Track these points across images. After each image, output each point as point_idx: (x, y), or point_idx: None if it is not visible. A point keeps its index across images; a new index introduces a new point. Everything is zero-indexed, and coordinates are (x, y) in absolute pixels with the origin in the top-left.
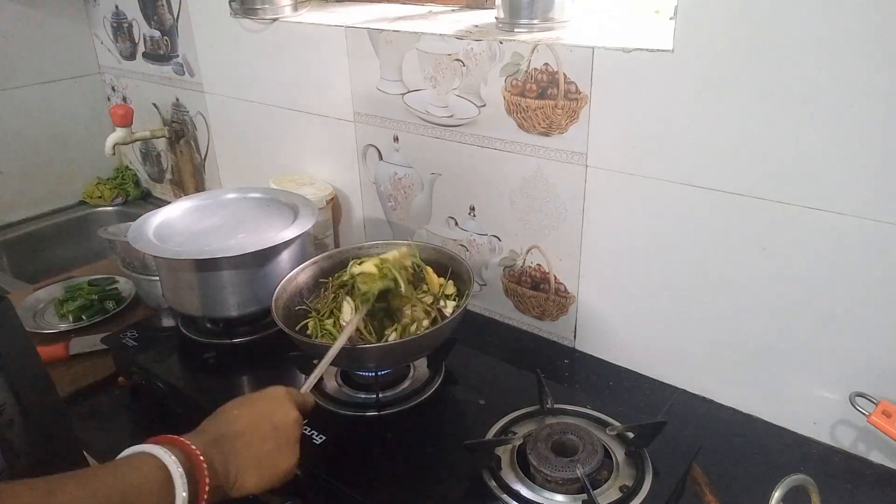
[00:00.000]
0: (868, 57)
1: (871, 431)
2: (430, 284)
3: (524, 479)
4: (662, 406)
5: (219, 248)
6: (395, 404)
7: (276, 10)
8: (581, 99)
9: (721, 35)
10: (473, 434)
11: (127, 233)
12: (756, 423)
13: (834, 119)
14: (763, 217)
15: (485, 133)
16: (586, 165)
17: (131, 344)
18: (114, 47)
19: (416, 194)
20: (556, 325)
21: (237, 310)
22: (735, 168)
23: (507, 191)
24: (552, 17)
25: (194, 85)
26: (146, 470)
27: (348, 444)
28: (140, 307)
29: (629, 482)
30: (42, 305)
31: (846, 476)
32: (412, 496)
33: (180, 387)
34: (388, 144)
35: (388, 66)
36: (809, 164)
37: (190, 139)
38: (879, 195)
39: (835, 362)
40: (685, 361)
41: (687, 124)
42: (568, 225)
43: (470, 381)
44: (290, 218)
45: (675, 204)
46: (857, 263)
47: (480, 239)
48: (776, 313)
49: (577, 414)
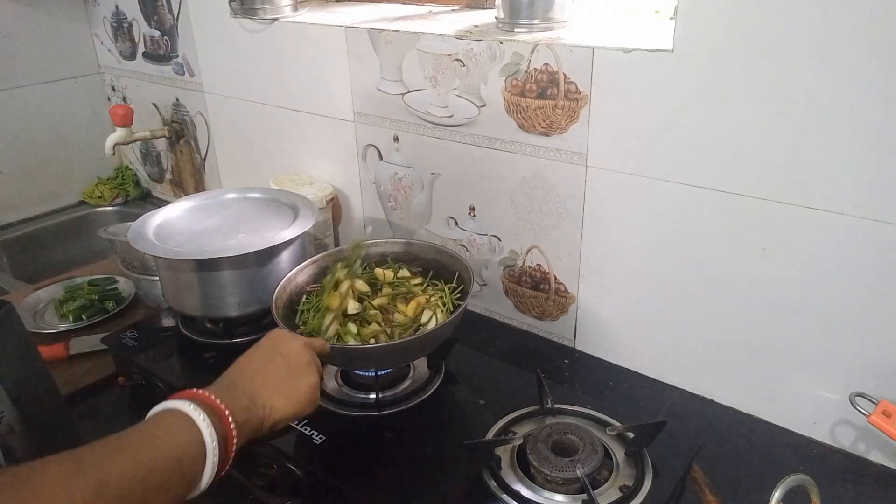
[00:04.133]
0: (867, 57)
1: (871, 431)
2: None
3: (524, 479)
4: (662, 406)
5: (219, 248)
6: (395, 404)
7: (276, 10)
8: (581, 99)
9: (721, 35)
10: (473, 434)
11: (127, 233)
12: (756, 423)
13: (833, 119)
14: (763, 217)
15: (485, 133)
16: (586, 165)
17: (131, 344)
18: (114, 47)
19: (416, 194)
20: (556, 325)
21: (237, 310)
22: (735, 168)
23: (507, 191)
24: (552, 17)
25: (194, 85)
26: (179, 431)
27: (348, 444)
28: (140, 307)
29: (629, 482)
30: (42, 305)
31: (846, 476)
32: (412, 496)
33: (180, 387)
34: (388, 144)
35: (388, 66)
36: (809, 164)
37: (190, 139)
38: (879, 195)
39: (835, 362)
40: (685, 361)
41: (687, 124)
42: (568, 225)
43: (470, 381)
44: (290, 218)
45: (675, 204)
46: (857, 263)
47: (480, 239)
48: (776, 313)
49: (577, 414)
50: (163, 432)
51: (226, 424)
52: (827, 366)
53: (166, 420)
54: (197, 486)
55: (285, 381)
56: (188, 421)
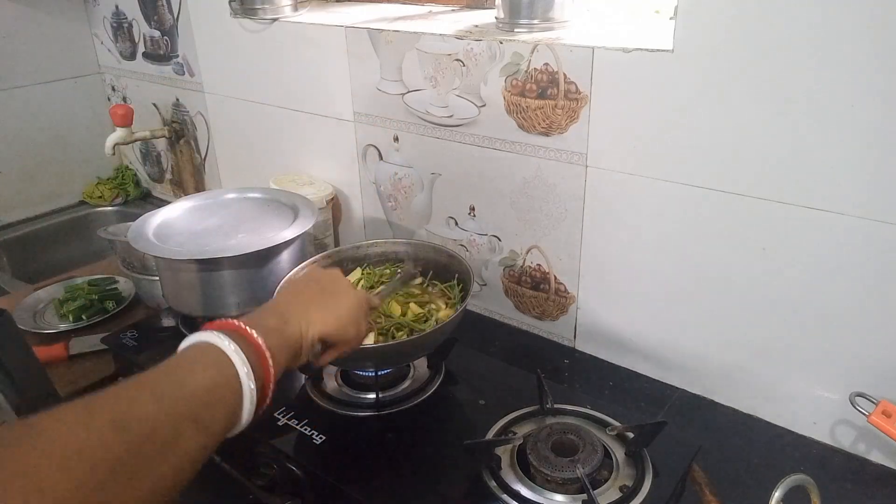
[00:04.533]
0: (867, 57)
1: (871, 431)
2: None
3: (524, 479)
4: (662, 406)
5: (219, 248)
6: (395, 404)
7: (276, 10)
8: (581, 99)
9: (721, 35)
10: (473, 434)
11: (127, 233)
12: (756, 423)
13: (833, 119)
14: (763, 217)
15: (485, 133)
16: (586, 165)
17: (131, 344)
18: (114, 47)
19: (416, 194)
20: (556, 325)
21: (237, 310)
22: (735, 168)
23: (507, 191)
24: (552, 17)
25: (194, 85)
26: (205, 362)
27: (348, 444)
28: (140, 307)
29: (629, 482)
30: (42, 305)
31: (846, 476)
32: (412, 496)
33: None
34: (388, 144)
35: (388, 66)
36: (809, 164)
37: (190, 139)
38: (879, 195)
39: (835, 362)
40: (685, 361)
41: (687, 124)
42: (568, 225)
43: (470, 381)
44: (290, 218)
45: (676, 204)
46: (857, 263)
47: (480, 239)
48: (776, 313)
49: (577, 414)
50: (188, 364)
51: (257, 349)
52: (827, 366)
53: (192, 353)
54: (239, 419)
55: (321, 298)
56: (216, 350)
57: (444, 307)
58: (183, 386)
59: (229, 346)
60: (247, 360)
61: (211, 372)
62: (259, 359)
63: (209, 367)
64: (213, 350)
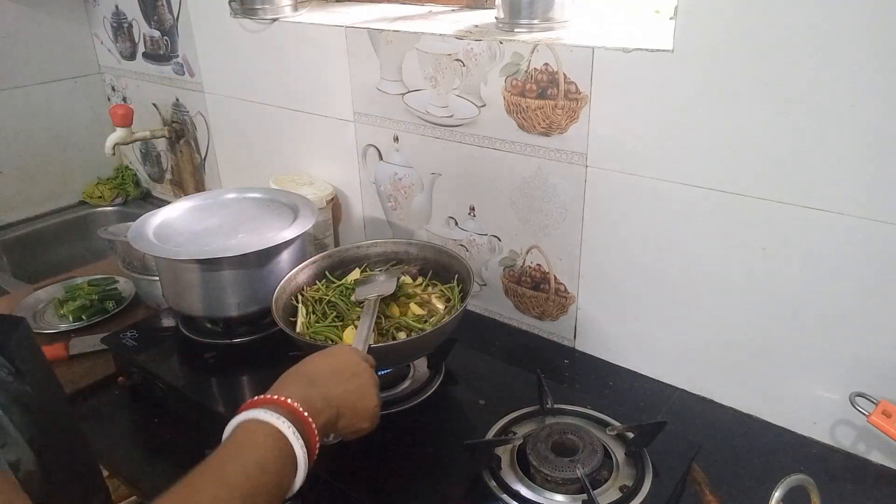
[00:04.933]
0: (867, 57)
1: (871, 431)
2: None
3: (524, 479)
4: (662, 406)
5: (219, 248)
6: (395, 404)
7: (276, 10)
8: (581, 99)
9: (721, 35)
10: (473, 434)
11: (127, 233)
12: (756, 423)
13: (833, 119)
14: (763, 217)
15: (485, 133)
16: (586, 165)
17: (131, 344)
18: (114, 47)
19: (416, 194)
20: (556, 325)
21: (237, 310)
22: (735, 168)
23: (507, 191)
24: (552, 17)
25: (194, 85)
26: (263, 442)
27: (349, 444)
28: (140, 307)
29: (629, 482)
30: (42, 305)
31: (846, 476)
32: (412, 496)
33: (180, 387)
34: (388, 144)
35: (388, 66)
36: (809, 164)
37: (190, 139)
38: (879, 195)
39: (835, 362)
40: (685, 361)
41: (687, 124)
42: (568, 225)
43: (470, 381)
44: (290, 218)
45: (675, 204)
46: (857, 263)
47: (480, 239)
48: (776, 313)
49: (577, 414)
50: (250, 444)
51: (308, 428)
52: (827, 366)
53: (249, 433)
54: (292, 488)
55: (354, 395)
56: (274, 431)
57: (443, 307)
58: (245, 471)
59: (288, 429)
60: (300, 437)
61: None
62: (309, 439)
63: (270, 451)
64: (272, 433)
